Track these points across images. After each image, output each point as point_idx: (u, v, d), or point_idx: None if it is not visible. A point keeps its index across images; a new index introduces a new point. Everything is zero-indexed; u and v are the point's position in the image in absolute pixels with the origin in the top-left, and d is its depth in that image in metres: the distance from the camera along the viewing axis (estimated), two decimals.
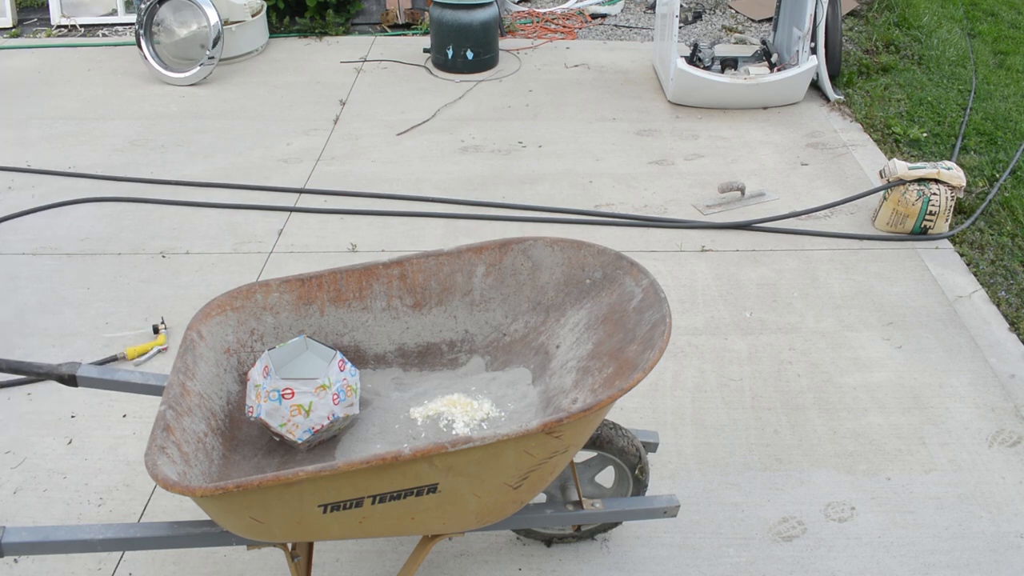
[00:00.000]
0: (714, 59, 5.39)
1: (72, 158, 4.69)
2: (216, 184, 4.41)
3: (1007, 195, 4.31)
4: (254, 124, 5.10)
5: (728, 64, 5.38)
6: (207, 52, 5.52)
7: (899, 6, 6.70)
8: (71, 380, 2.07)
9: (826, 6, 5.10)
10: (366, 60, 6.01)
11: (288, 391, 2.05)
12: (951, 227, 4.05)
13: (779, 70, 5.23)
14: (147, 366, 3.22)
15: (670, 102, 5.32)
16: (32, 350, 3.28)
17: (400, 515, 1.85)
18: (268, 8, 6.29)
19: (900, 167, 3.98)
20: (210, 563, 2.45)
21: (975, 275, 3.76)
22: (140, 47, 5.58)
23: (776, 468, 2.80)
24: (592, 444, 2.22)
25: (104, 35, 6.51)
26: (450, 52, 5.70)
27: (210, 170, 4.57)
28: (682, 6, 6.81)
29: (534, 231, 4.05)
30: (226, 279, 3.69)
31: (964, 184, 3.95)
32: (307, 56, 6.08)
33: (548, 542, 2.52)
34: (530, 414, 2.17)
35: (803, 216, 4.16)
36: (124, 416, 2.98)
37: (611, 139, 4.92)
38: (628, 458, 2.29)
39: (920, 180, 3.93)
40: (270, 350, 2.12)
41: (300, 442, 2.10)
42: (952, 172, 3.93)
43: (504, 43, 6.26)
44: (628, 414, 3.00)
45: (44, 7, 6.78)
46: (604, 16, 6.93)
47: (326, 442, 2.16)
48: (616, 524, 2.51)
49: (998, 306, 3.56)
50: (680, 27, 6.46)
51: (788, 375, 3.19)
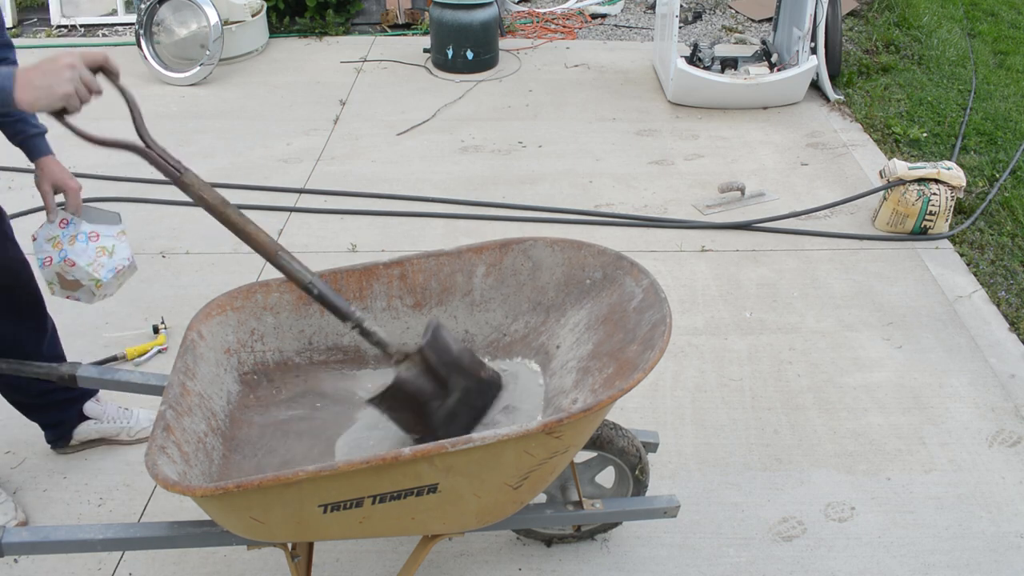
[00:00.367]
0: (714, 59, 5.39)
1: (72, 158, 4.69)
2: (216, 184, 4.41)
3: (1007, 195, 4.31)
4: (254, 124, 5.10)
5: (728, 64, 5.38)
6: (207, 52, 5.52)
7: (899, 6, 6.70)
8: (71, 380, 2.07)
9: (826, 6, 5.10)
10: (366, 60, 6.01)
11: (94, 234, 2.36)
12: (951, 227, 4.06)
13: (779, 70, 5.24)
14: (147, 366, 3.22)
15: (670, 102, 5.32)
16: None
17: (400, 515, 1.85)
18: (268, 8, 6.30)
19: (900, 167, 3.98)
20: (210, 563, 2.45)
21: (975, 275, 3.76)
22: (140, 47, 5.58)
23: (776, 468, 2.80)
24: (592, 444, 2.22)
25: (104, 35, 6.51)
26: (450, 52, 5.70)
27: (210, 170, 4.57)
28: (682, 6, 6.81)
29: (534, 231, 4.05)
30: (226, 279, 3.69)
31: (964, 184, 3.95)
32: (307, 56, 6.08)
33: (548, 542, 2.52)
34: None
35: (803, 216, 4.16)
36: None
37: (611, 139, 4.92)
38: (628, 458, 2.29)
39: (920, 180, 3.93)
40: (60, 207, 2.38)
41: (102, 282, 2.33)
42: (952, 172, 3.93)
43: (504, 43, 6.26)
44: (628, 414, 3.00)
45: (44, 7, 6.78)
46: (604, 16, 6.93)
47: (326, 442, 2.16)
48: (616, 524, 2.51)
49: (998, 306, 3.57)
50: (680, 27, 6.46)
51: (788, 375, 3.19)
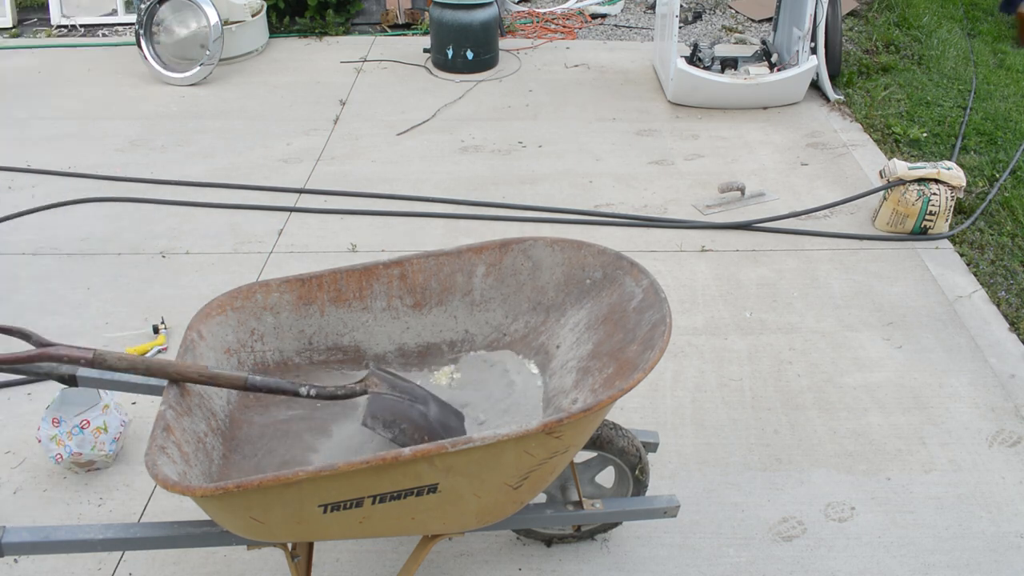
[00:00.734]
0: (714, 59, 5.39)
1: (72, 158, 4.69)
2: (216, 184, 4.41)
3: (1007, 195, 4.31)
4: (254, 124, 5.10)
5: (728, 64, 5.38)
6: (207, 52, 5.52)
7: (899, 6, 6.70)
8: (71, 380, 2.06)
9: (826, 6, 5.10)
10: (366, 60, 6.01)
11: (85, 422, 2.64)
12: (951, 227, 4.06)
13: (779, 70, 5.23)
14: None
15: (670, 102, 5.32)
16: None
17: (400, 515, 1.85)
18: (268, 8, 6.29)
19: (900, 167, 3.98)
20: (210, 563, 2.45)
21: (975, 275, 3.76)
22: (140, 47, 5.58)
23: (776, 468, 2.80)
24: (592, 444, 2.22)
25: (104, 35, 6.51)
26: (450, 52, 5.70)
27: (210, 170, 4.57)
28: (682, 6, 6.81)
29: (534, 231, 4.05)
30: (226, 279, 3.69)
31: (964, 184, 3.95)
32: (307, 56, 6.08)
33: (548, 542, 2.52)
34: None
35: (803, 216, 4.16)
36: (124, 416, 2.97)
37: (611, 139, 4.92)
38: (628, 458, 2.29)
39: (920, 180, 3.93)
40: (47, 408, 2.68)
41: (110, 454, 2.71)
42: (952, 172, 3.93)
43: (504, 43, 6.26)
44: (628, 414, 3.00)
45: (44, 7, 6.78)
46: (604, 16, 6.93)
47: (325, 441, 2.16)
48: (616, 524, 2.51)
49: (998, 306, 3.56)
50: (680, 27, 6.46)
51: (788, 375, 3.19)
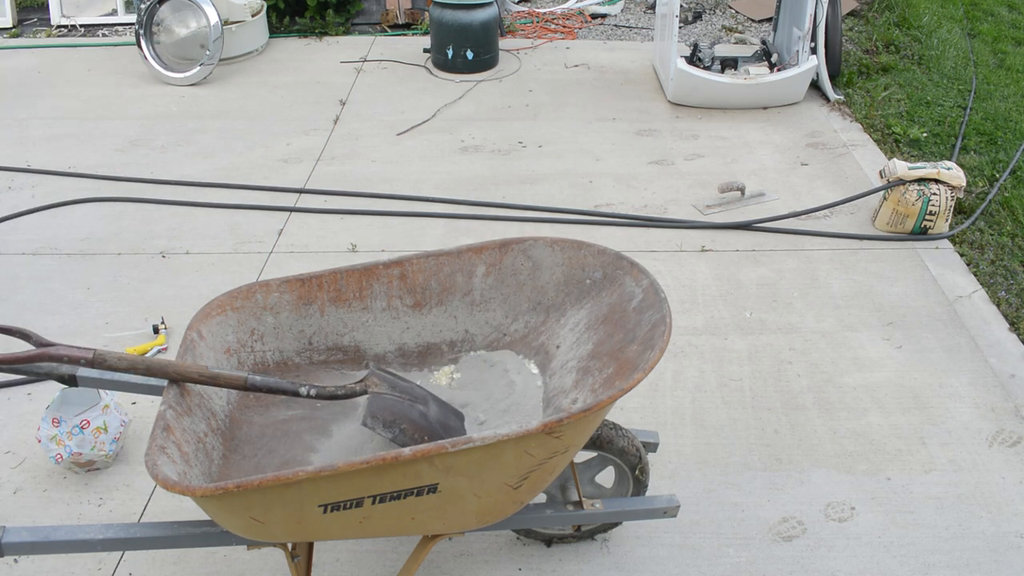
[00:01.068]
0: (714, 59, 5.39)
1: (72, 158, 4.69)
2: (216, 184, 4.41)
3: (1007, 195, 4.31)
4: (254, 124, 5.10)
5: (728, 64, 5.38)
6: (207, 52, 5.52)
7: (899, 6, 6.70)
8: (71, 380, 2.06)
9: (826, 6, 5.10)
10: (366, 60, 6.01)
11: (85, 422, 2.64)
12: (951, 227, 4.06)
13: (779, 70, 5.23)
14: None
15: (670, 102, 5.32)
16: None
17: (400, 515, 1.85)
18: (268, 8, 6.29)
19: (900, 167, 3.98)
20: (210, 563, 2.45)
21: (975, 275, 3.76)
22: (140, 47, 5.58)
23: (776, 468, 2.80)
24: (592, 444, 2.22)
25: (104, 35, 6.51)
26: (450, 52, 5.70)
27: (210, 170, 4.57)
28: (682, 6, 6.81)
29: (534, 231, 4.05)
30: (226, 279, 3.69)
31: (964, 184, 3.95)
32: (307, 56, 6.08)
33: (548, 542, 2.52)
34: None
35: (803, 216, 4.16)
36: (124, 416, 2.98)
37: (611, 139, 4.92)
38: (628, 458, 2.29)
39: (920, 180, 3.93)
40: (47, 408, 2.67)
41: (110, 454, 2.71)
42: (952, 172, 3.93)
43: (504, 43, 6.26)
44: (628, 414, 3.00)
45: (44, 7, 6.78)
46: (604, 16, 6.93)
47: (325, 441, 2.16)
48: (616, 524, 2.51)
49: (998, 306, 3.56)
50: (680, 27, 6.46)
51: (788, 375, 3.19)
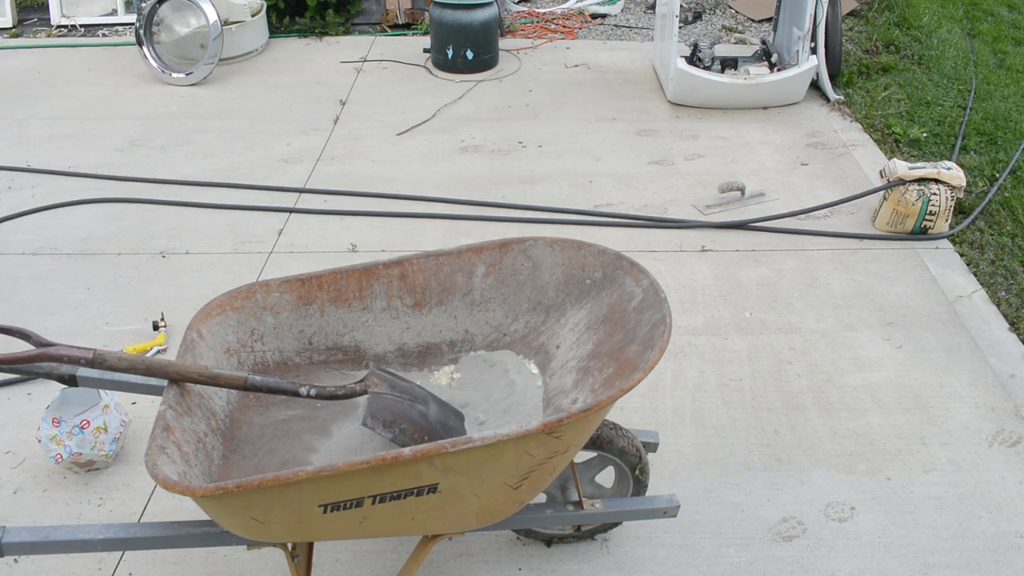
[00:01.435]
0: (714, 59, 5.39)
1: (72, 158, 4.69)
2: (216, 184, 4.41)
3: (1007, 195, 4.31)
4: (254, 124, 5.10)
5: (728, 64, 5.38)
6: (207, 52, 5.52)
7: (899, 6, 6.70)
8: (71, 380, 2.06)
9: (826, 6, 5.10)
10: (366, 60, 6.01)
11: (85, 422, 2.64)
12: (951, 227, 4.06)
13: (779, 70, 5.23)
14: None
15: (670, 102, 5.32)
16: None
17: (400, 515, 1.85)
18: (268, 8, 6.29)
19: (900, 167, 3.98)
20: (210, 563, 2.45)
21: (975, 275, 3.76)
22: (140, 47, 5.58)
23: (776, 468, 2.80)
24: (592, 444, 2.22)
25: (104, 35, 6.51)
26: (450, 52, 5.70)
27: (210, 170, 4.57)
28: (682, 6, 6.81)
29: (534, 231, 4.05)
30: (226, 279, 3.69)
31: (964, 184, 3.95)
32: (307, 56, 6.08)
33: (548, 542, 2.52)
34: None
35: (803, 216, 4.16)
36: (124, 416, 2.98)
37: (611, 139, 4.92)
38: (628, 458, 2.29)
39: (920, 180, 3.93)
40: (47, 408, 2.67)
41: (110, 454, 2.71)
42: (952, 172, 3.93)
43: (504, 43, 6.26)
44: (628, 414, 3.00)
45: (44, 7, 6.78)
46: (604, 16, 6.93)
47: (325, 441, 2.16)
48: (616, 524, 2.51)
49: (998, 306, 3.56)
50: (680, 27, 6.46)
51: (788, 375, 3.19)
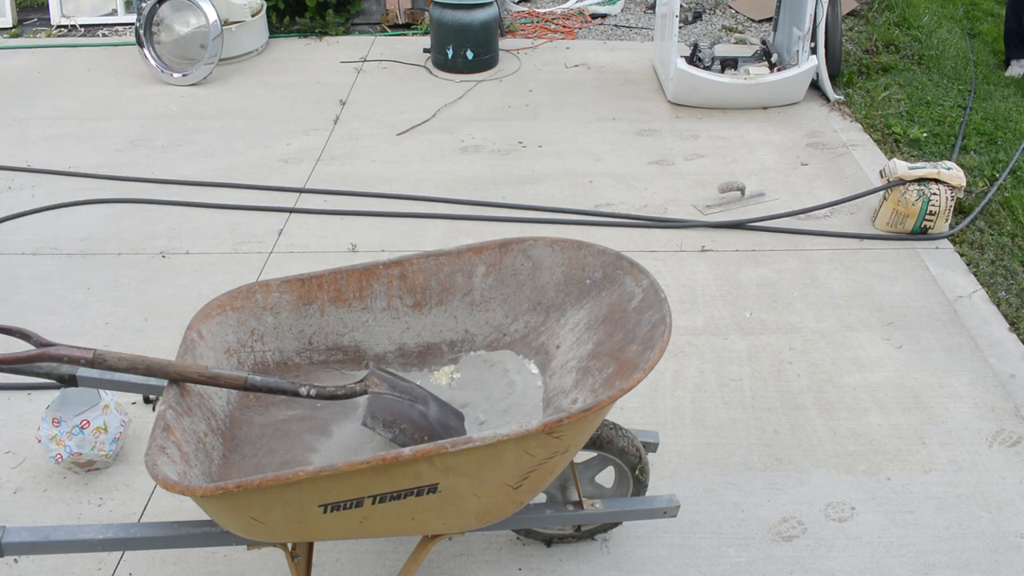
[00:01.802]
0: (714, 59, 5.39)
1: (72, 158, 4.69)
2: (216, 184, 4.41)
3: (1007, 195, 4.31)
4: (254, 124, 5.10)
5: (728, 64, 5.38)
6: (207, 52, 5.52)
7: (899, 6, 6.70)
8: (71, 380, 2.06)
9: (826, 6, 5.10)
10: (366, 60, 6.01)
11: (85, 422, 2.64)
12: (951, 227, 4.05)
13: (779, 70, 5.23)
14: None
15: (670, 102, 5.32)
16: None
17: (400, 515, 1.85)
18: (268, 8, 6.29)
19: (900, 167, 3.98)
20: (210, 563, 2.45)
21: (975, 275, 3.76)
22: (140, 47, 5.58)
23: (776, 468, 2.80)
24: (592, 444, 2.22)
25: (104, 35, 6.51)
26: (450, 52, 5.70)
27: (210, 170, 4.57)
28: (682, 6, 6.81)
29: (534, 231, 4.04)
30: (226, 279, 3.69)
31: (964, 184, 3.95)
32: (307, 56, 6.08)
33: (548, 542, 2.52)
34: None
35: (803, 216, 4.16)
36: (124, 416, 2.98)
37: (611, 139, 4.92)
38: (628, 458, 2.29)
39: (920, 180, 3.93)
40: (47, 408, 2.67)
41: (110, 454, 2.70)
42: (952, 172, 3.93)
43: (504, 43, 6.26)
44: (628, 414, 3.00)
45: (44, 7, 6.78)
46: (604, 16, 6.93)
47: (325, 441, 2.16)
48: (616, 524, 2.51)
49: (998, 306, 3.56)
50: (680, 27, 6.46)
51: (788, 375, 3.19)
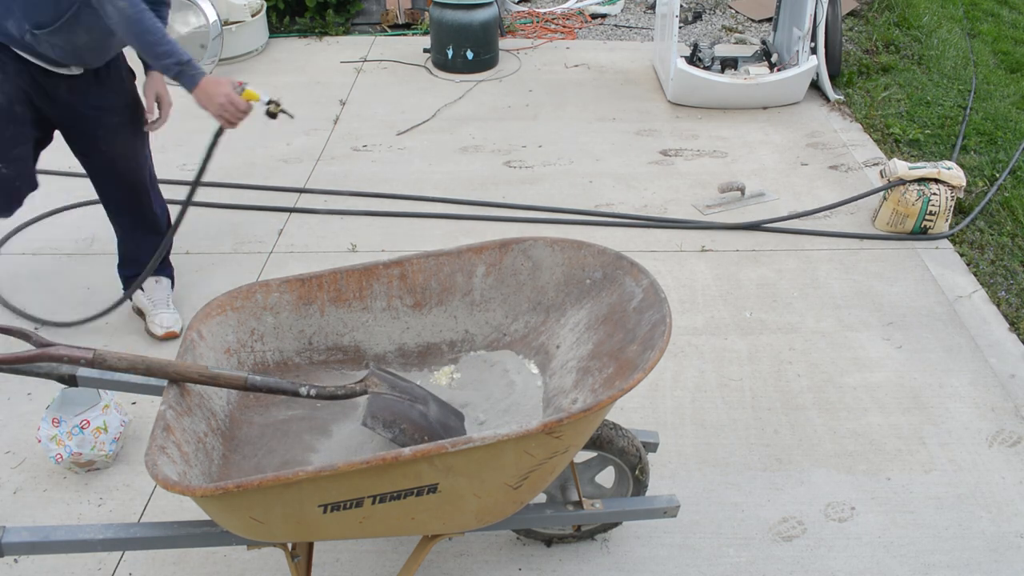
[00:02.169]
0: (714, 59, 5.39)
1: (72, 158, 4.68)
2: (216, 184, 4.41)
3: (1007, 195, 4.31)
4: (253, 124, 5.08)
5: (728, 64, 5.38)
6: (207, 52, 5.51)
7: (899, 6, 6.70)
8: (71, 380, 2.06)
9: (826, 6, 5.10)
10: (366, 60, 6.01)
11: (85, 422, 2.64)
12: (951, 227, 4.06)
13: (779, 70, 5.23)
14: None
15: (670, 102, 5.32)
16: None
17: (400, 515, 1.85)
18: (268, 8, 6.29)
19: (900, 167, 3.98)
20: (210, 563, 2.45)
21: (975, 275, 3.76)
22: None
23: (776, 468, 2.80)
24: (592, 444, 2.22)
25: None
26: (450, 52, 5.70)
27: (209, 170, 4.55)
28: (682, 6, 6.81)
29: (534, 231, 4.04)
30: (226, 279, 3.69)
31: (964, 184, 3.95)
32: (307, 56, 6.08)
33: (548, 542, 2.52)
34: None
35: (805, 216, 4.15)
36: (124, 415, 2.98)
37: (611, 139, 4.92)
38: (628, 458, 2.29)
39: (920, 180, 3.93)
40: (47, 408, 2.67)
41: (110, 454, 2.71)
42: (952, 172, 3.93)
43: (504, 43, 6.26)
44: (628, 414, 3.00)
45: None
46: (604, 16, 6.93)
47: (325, 441, 2.16)
48: (616, 524, 2.51)
49: (998, 306, 3.56)
50: (680, 27, 6.45)
51: (788, 375, 3.19)
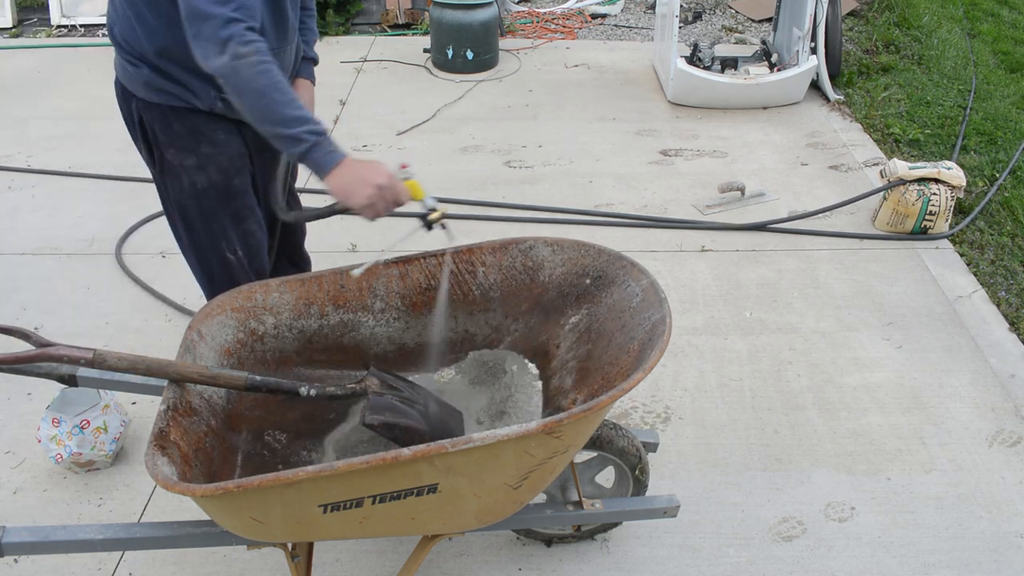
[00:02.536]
0: (714, 59, 5.39)
1: (72, 158, 4.69)
2: None
3: (1007, 195, 4.31)
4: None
5: (728, 64, 5.38)
6: None
7: (899, 6, 6.70)
8: (71, 380, 2.06)
9: (826, 6, 5.10)
10: (366, 60, 6.01)
11: (85, 422, 2.63)
12: (951, 227, 4.06)
13: (779, 70, 5.23)
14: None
15: (670, 102, 5.32)
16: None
17: (400, 515, 1.85)
18: None
19: (900, 167, 3.98)
20: (210, 563, 2.45)
21: (975, 275, 3.76)
22: None
23: (776, 468, 2.80)
24: (592, 444, 2.22)
25: (104, 35, 6.50)
26: (450, 52, 5.70)
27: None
28: (682, 6, 6.81)
29: (534, 231, 4.04)
30: None
31: (964, 184, 3.95)
32: None
33: (548, 542, 2.52)
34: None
35: (805, 217, 4.15)
36: (124, 415, 2.98)
37: (611, 139, 4.92)
38: (628, 458, 2.29)
39: (920, 180, 3.93)
40: (47, 408, 2.66)
41: (110, 454, 2.70)
42: (952, 172, 3.93)
43: (504, 43, 6.26)
44: (628, 414, 3.00)
45: (44, 7, 6.78)
46: (604, 16, 6.93)
47: (324, 441, 2.16)
48: (616, 524, 2.51)
49: (998, 306, 3.56)
50: (680, 27, 6.46)
51: (788, 375, 3.19)
